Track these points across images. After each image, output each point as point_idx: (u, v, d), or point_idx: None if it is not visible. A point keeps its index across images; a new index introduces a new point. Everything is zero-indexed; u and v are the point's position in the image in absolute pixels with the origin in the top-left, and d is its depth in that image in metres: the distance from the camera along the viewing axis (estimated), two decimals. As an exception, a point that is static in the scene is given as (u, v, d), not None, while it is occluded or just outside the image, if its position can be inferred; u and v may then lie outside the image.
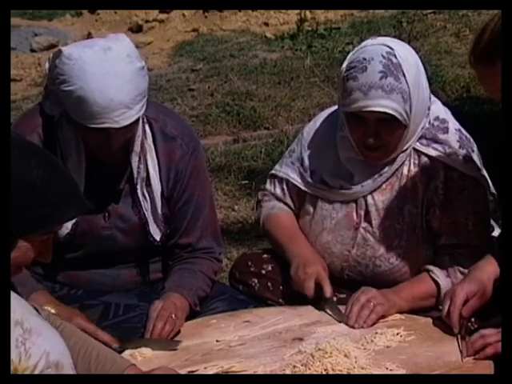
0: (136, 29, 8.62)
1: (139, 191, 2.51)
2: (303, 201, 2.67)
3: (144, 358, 2.21)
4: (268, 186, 2.77)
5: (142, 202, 2.51)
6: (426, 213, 2.51)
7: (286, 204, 2.72)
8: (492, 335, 2.10)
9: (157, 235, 2.54)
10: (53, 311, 2.35)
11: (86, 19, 9.22)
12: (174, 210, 2.56)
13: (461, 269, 2.45)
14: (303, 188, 2.65)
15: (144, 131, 2.48)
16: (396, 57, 2.40)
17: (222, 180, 4.79)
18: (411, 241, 2.52)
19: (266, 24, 8.39)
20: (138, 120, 2.37)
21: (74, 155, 2.43)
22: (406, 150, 2.51)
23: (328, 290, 2.43)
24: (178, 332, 2.36)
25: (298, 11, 8.08)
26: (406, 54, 2.44)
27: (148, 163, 2.49)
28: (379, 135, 2.42)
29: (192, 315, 2.48)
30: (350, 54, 2.48)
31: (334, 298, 2.47)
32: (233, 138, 5.57)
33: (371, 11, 8.14)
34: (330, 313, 2.41)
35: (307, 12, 8.10)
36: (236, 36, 8.00)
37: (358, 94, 2.37)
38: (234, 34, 8.10)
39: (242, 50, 7.43)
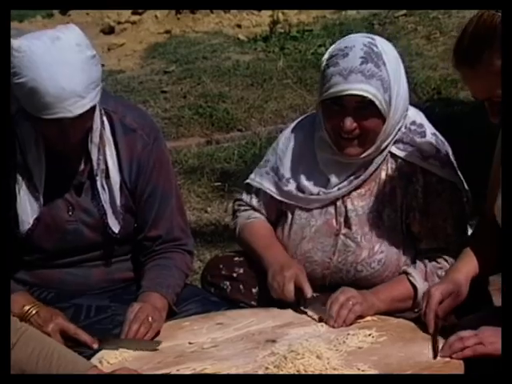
0: (108, 30, 8.58)
1: (98, 183, 2.50)
2: (280, 211, 2.65)
3: (111, 365, 2.17)
4: (244, 196, 2.75)
5: (100, 194, 2.51)
6: (406, 217, 2.51)
7: (262, 214, 2.71)
8: (470, 338, 2.09)
9: (115, 227, 2.52)
10: (33, 311, 2.35)
11: (57, 20, 9.15)
12: (140, 203, 2.56)
13: (438, 272, 2.46)
14: (279, 198, 2.63)
15: (102, 123, 2.48)
16: (377, 46, 2.42)
17: (195, 182, 4.79)
18: (392, 245, 2.52)
19: (239, 26, 8.39)
20: (93, 110, 2.37)
21: (34, 150, 2.44)
22: (383, 151, 2.51)
23: (308, 291, 2.42)
24: (158, 333, 2.35)
25: (270, 13, 8.10)
26: (388, 47, 2.48)
27: (107, 155, 2.49)
28: (357, 121, 2.40)
29: (169, 315, 2.46)
30: (331, 47, 2.49)
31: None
32: (206, 139, 5.58)
33: (343, 13, 8.17)
34: (313, 313, 2.40)
35: (280, 14, 8.11)
36: (209, 38, 7.99)
37: (337, 79, 2.37)
38: (206, 35, 8.09)
39: (215, 52, 7.43)
